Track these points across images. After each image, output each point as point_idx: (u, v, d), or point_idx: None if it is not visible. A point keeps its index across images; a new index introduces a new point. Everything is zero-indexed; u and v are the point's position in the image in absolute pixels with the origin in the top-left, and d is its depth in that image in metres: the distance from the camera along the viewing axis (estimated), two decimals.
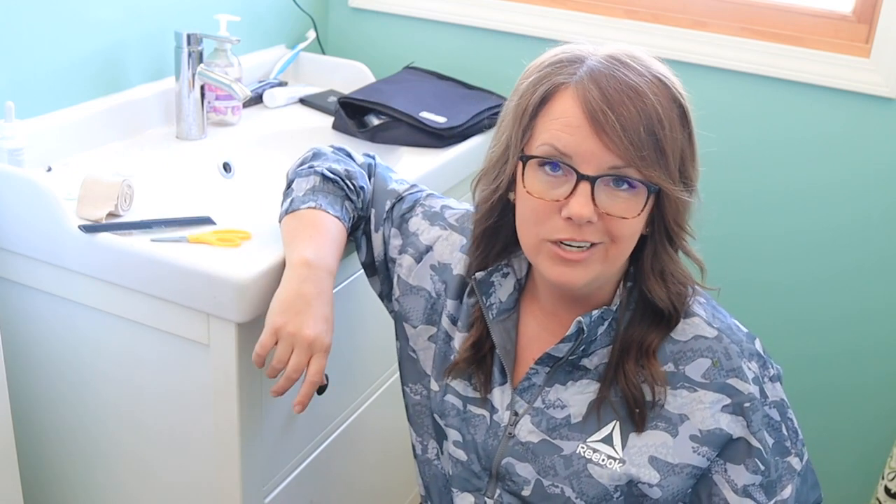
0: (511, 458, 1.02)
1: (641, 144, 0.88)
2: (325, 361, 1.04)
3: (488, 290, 1.04)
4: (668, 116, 0.90)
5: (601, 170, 0.90)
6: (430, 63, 1.89)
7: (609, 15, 1.80)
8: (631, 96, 0.89)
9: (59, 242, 1.19)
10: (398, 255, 1.15)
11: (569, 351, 0.98)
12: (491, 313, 1.04)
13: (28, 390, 1.33)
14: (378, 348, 1.51)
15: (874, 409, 1.80)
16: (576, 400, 1.00)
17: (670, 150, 0.91)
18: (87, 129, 1.45)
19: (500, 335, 1.03)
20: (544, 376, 1.01)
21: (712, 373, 0.96)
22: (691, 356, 0.97)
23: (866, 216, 1.70)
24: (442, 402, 1.09)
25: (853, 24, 1.67)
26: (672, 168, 0.91)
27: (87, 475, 1.36)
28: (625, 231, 0.92)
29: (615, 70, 0.90)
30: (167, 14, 1.60)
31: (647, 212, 0.93)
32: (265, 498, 1.28)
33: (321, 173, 1.15)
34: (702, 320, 0.99)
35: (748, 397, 0.96)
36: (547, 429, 1.00)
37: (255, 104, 1.76)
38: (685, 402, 0.96)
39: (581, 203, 0.89)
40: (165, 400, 1.23)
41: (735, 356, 0.97)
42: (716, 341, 0.97)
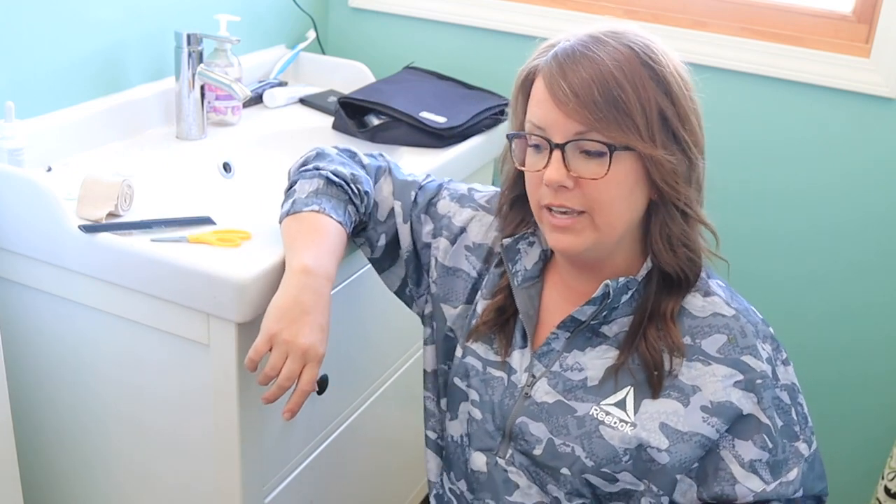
0: (525, 417, 1.04)
1: (597, 107, 0.93)
2: (317, 371, 1.04)
3: (514, 258, 1.09)
4: (630, 79, 0.93)
5: (567, 137, 0.95)
6: (430, 63, 1.89)
7: (609, 15, 1.80)
8: (585, 65, 0.94)
9: (59, 242, 1.19)
10: (432, 238, 1.17)
11: (592, 314, 1.02)
12: (516, 280, 1.08)
13: (28, 390, 1.33)
14: (378, 348, 1.51)
15: (874, 409, 1.80)
16: (594, 364, 1.03)
17: (637, 111, 0.93)
18: (87, 129, 1.45)
19: (524, 301, 1.08)
20: (564, 342, 1.05)
21: (727, 348, 0.99)
22: (708, 331, 1.00)
23: (866, 215, 1.70)
24: (462, 364, 1.12)
25: (853, 24, 1.67)
26: (643, 127, 0.94)
27: (88, 474, 1.36)
28: (602, 195, 0.95)
29: (581, 45, 0.96)
30: (167, 14, 1.60)
31: (631, 172, 0.95)
32: (265, 498, 1.28)
33: (326, 176, 1.15)
34: (721, 300, 1.02)
35: (760, 374, 0.98)
36: (563, 390, 1.03)
37: (255, 104, 1.76)
38: (698, 374, 0.99)
39: (553, 168, 0.95)
40: (165, 400, 1.23)
41: (751, 335, 1.00)
42: (733, 319, 1.01)
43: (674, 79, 0.96)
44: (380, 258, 1.22)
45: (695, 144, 0.98)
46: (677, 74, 0.97)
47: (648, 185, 0.97)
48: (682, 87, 0.97)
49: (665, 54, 0.97)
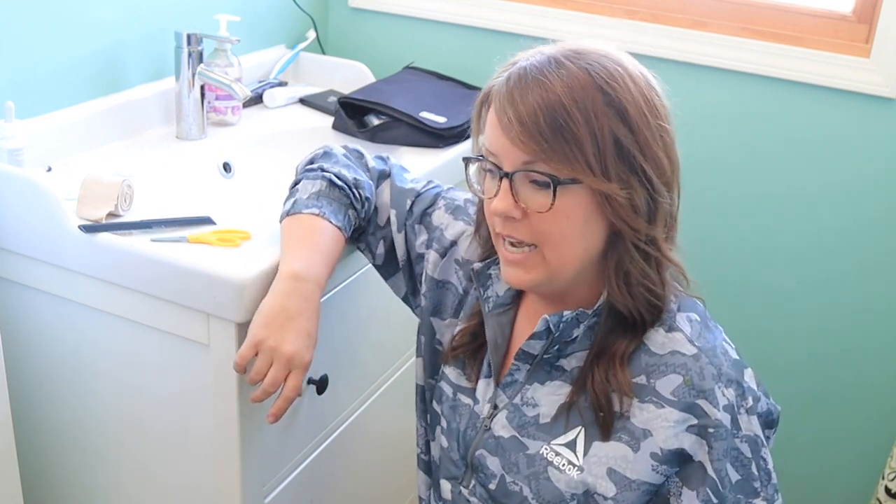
0: (484, 450, 1.02)
1: (542, 136, 0.87)
2: (302, 377, 1.04)
3: (485, 283, 1.05)
4: (581, 104, 0.87)
5: (515, 166, 0.90)
6: (430, 63, 1.89)
7: (609, 15, 1.80)
8: (534, 90, 0.88)
9: (59, 242, 1.19)
10: (425, 249, 1.15)
11: (542, 349, 0.98)
12: (487, 306, 1.05)
13: (28, 390, 1.33)
14: (378, 349, 1.51)
15: (874, 409, 1.80)
16: (547, 400, 0.99)
17: (587, 140, 0.87)
18: (87, 129, 1.45)
19: (493, 329, 1.04)
20: (525, 373, 1.01)
21: (682, 391, 0.92)
22: (664, 370, 0.93)
23: (866, 216, 1.70)
24: (438, 388, 1.11)
25: (853, 24, 1.67)
26: (593, 159, 0.87)
27: (88, 475, 1.36)
28: (550, 228, 0.90)
29: (535, 67, 0.90)
30: (167, 14, 1.60)
31: (582, 205, 0.89)
32: (265, 498, 1.28)
33: (329, 179, 1.15)
34: (683, 336, 0.95)
35: (714, 423, 0.91)
36: (518, 425, 1.00)
37: (255, 104, 1.76)
38: (650, 418, 0.93)
39: (500, 198, 0.91)
40: (165, 400, 1.23)
41: (710, 378, 0.92)
42: (692, 359, 0.93)
43: (634, 104, 0.89)
44: (382, 265, 1.21)
45: (659, 177, 0.91)
46: (641, 99, 0.90)
47: (604, 218, 0.91)
48: (643, 113, 0.89)
49: (627, 77, 0.90)
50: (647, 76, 0.93)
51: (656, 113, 0.91)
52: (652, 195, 0.91)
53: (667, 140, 0.92)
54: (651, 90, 0.92)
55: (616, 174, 0.89)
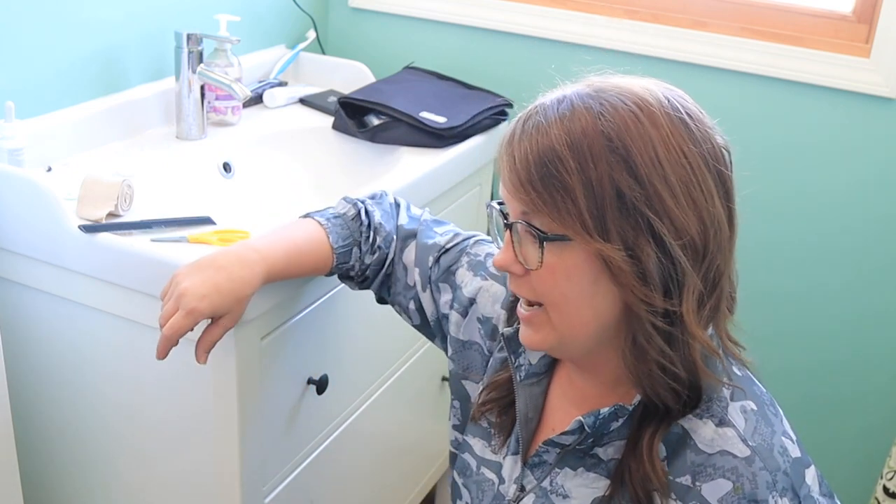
0: None
1: (533, 186, 0.78)
2: (187, 322, 0.97)
3: (517, 349, 0.95)
4: (577, 150, 0.77)
5: (515, 216, 0.82)
6: (430, 63, 1.89)
7: (609, 15, 1.80)
8: (532, 135, 0.79)
9: (59, 242, 1.19)
10: (448, 310, 1.07)
11: (575, 442, 0.88)
12: (519, 375, 0.95)
13: (28, 390, 1.33)
14: (378, 349, 1.51)
15: (874, 409, 1.80)
16: (580, 493, 0.88)
17: (581, 192, 0.76)
18: (87, 129, 1.45)
19: (525, 400, 0.94)
20: (555, 455, 0.91)
21: (731, 499, 0.80)
22: (712, 473, 0.81)
23: (866, 216, 1.70)
24: (460, 459, 1.03)
25: (853, 24, 1.67)
26: (586, 214, 0.77)
27: (88, 475, 1.36)
28: (548, 288, 0.81)
29: (545, 106, 0.81)
30: (167, 14, 1.60)
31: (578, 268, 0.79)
32: (265, 498, 1.28)
33: (359, 209, 1.13)
34: (736, 434, 0.82)
35: None
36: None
37: (255, 104, 1.76)
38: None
39: (501, 250, 0.84)
40: (165, 400, 1.23)
41: (763, 486, 0.80)
42: (745, 463, 0.81)
43: (646, 151, 0.76)
44: (420, 326, 1.14)
45: (679, 239, 0.77)
46: (661, 146, 0.77)
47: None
48: (657, 163, 0.77)
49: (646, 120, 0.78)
50: (687, 122, 0.80)
51: (682, 164, 0.78)
52: (673, 263, 0.78)
53: (697, 197, 0.79)
54: (684, 139, 0.79)
55: (618, 233, 0.77)
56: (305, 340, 1.28)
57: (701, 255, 0.80)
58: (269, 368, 1.21)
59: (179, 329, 0.98)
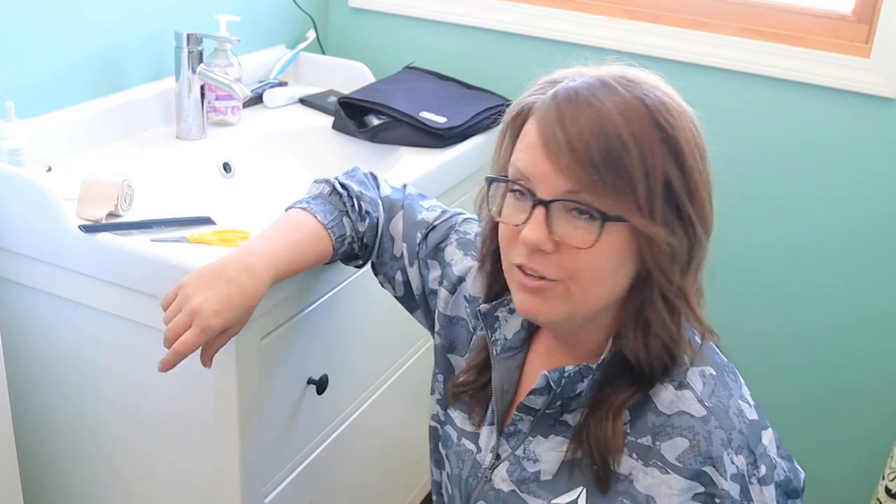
0: (483, 501, 0.98)
1: (595, 168, 0.80)
2: (201, 338, 0.98)
3: (493, 325, 0.99)
4: (638, 140, 0.81)
5: (556, 194, 0.82)
6: (430, 63, 1.89)
7: (609, 15, 1.80)
8: (589, 116, 0.81)
9: (59, 242, 1.19)
10: (437, 286, 1.10)
11: (544, 404, 0.92)
12: (495, 349, 0.99)
13: (28, 390, 1.33)
14: (378, 349, 1.51)
15: (875, 410, 1.80)
16: (549, 456, 0.93)
17: (639, 177, 0.80)
18: (87, 129, 1.45)
19: (501, 373, 0.98)
20: (529, 424, 0.94)
21: (688, 456, 0.85)
22: (670, 433, 0.86)
23: (866, 216, 1.70)
24: (444, 431, 1.07)
25: (853, 24, 1.67)
26: (643, 197, 0.81)
27: (88, 475, 1.36)
28: (583, 266, 0.83)
29: (586, 89, 0.83)
30: (167, 14, 1.60)
31: (618, 245, 0.83)
32: (265, 498, 1.28)
33: (332, 184, 1.15)
34: (693, 395, 0.87)
35: (721, 493, 0.84)
36: (517, 480, 0.94)
37: (255, 104, 1.76)
38: (654, 483, 0.86)
39: (532, 228, 0.83)
40: (165, 400, 1.23)
41: (718, 444, 0.85)
42: (701, 422, 0.86)
43: (689, 146, 0.83)
44: (403, 297, 1.17)
45: (702, 223, 0.85)
46: (693, 140, 0.84)
47: (638, 260, 0.85)
48: (696, 157, 0.84)
49: (682, 115, 0.84)
50: (693, 115, 0.86)
51: (705, 156, 0.85)
52: (693, 244, 0.85)
53: (710, 185, 0.86)
54: (698, 131, 0.85)
55: (662, 217, 0.82)
56: (305, 340, 1.28)
57: (707, 239, 0.87)
58: (269, 368, 1.21)
59: (192, 346, 0.98)
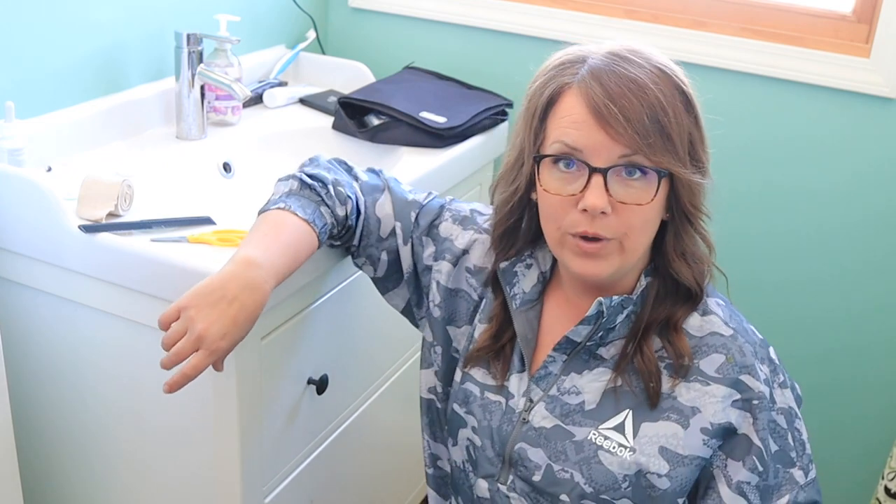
0: (524, 443, 1.03)
1: (647, 132, 0.92)
2: (209, 361, 0.97)
3: (511, 280, 1.08)
4: (671, 104, 0.94)
5: (611, 161, 0.94)
6: (430, 63, 1.89)
7: (609, 15, 1.80)
8: (632, 88, 0.93)
9: (59, 242, 1.19)
10: (434, 261, 1.16)
11: (587, 335, 1.01)
12: (514, 303, 1.07)
13: (28, 390, 1.33)
14: (378, 349, 1.51)
15: (874, 409, 1.80)
16: (591, 387, 1.02)
17: (677, 136, 0.94)
18: (87, 129, 1.45)
19: (522, 324, 1.06)
20: (560, 364, 1.03)
21: (725, 368, 0.98)
22: (706, 351, 1.00)
23: (866, 216, 1.70)
24: (461, 390, 1.11)
25: (853, 24, 1.67)
26: (681, 152, 0.95)
27: (88, 474, 1.36)
28: (637, 220, 0.95)
29: (615, 65, 0.95)
30: (167, 14, 1.60)
31: (662, 198, 0.96)
32: (265, 498, 1.28)
33: (299, 178, 1.14)
34: (719, 319, 1.02)
35: (758, 395, 0.98)
36: (560, 414, 1.02)
37: (255, 104, 1.76)
38: (697, 395, 0.98)
39: (596, 195, 0.93)
40: (165, 399, 1.22)
41: (749, 355, 0.99)
42: (731, 339, 1.00)
43: (697, 102, 0.98)
44: (382, 278, 1.21)
45: (708, 165, 1.00)
46: (696, 97, 0.98)
47: (667, 206, 0.98)
48: (701, 114, 0.98)
49: (686, 75, 0.99)
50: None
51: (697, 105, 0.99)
52: (705, 179, 0.99)
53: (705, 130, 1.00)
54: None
55: (691, 165, 0.97)
56: (305, 340, 1.28)
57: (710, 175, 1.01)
58: (269, 368, 1.21)
59: (202, 369, 0.97)
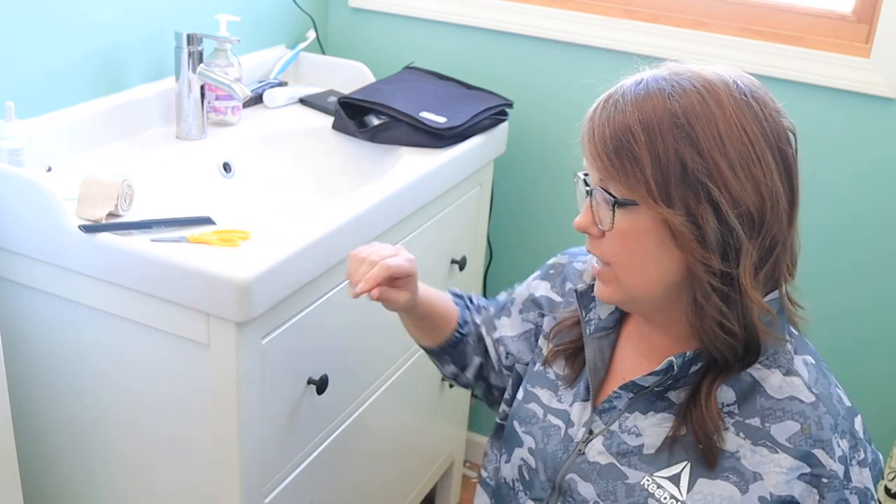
0: (575, 474, 1.00)
1: (607, 155, 0.88)
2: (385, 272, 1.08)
3: (588, 305, 1.05)
4: (646, 124, 0.86)
5: (595, 182, 0.92)
6: (430, 63, 1.89)
7: (609, 15, 1.80)
8: (609, 108, 0.89)
9: (59, 242, 1.19)
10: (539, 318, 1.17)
11: (655, 383, 0.96)
12: (589, 328, 1.04)
13: (28, 390, 1.33)
14: (378, 348, 1.51)
15: (874, 409, 1.80)
16: (652, 431, 0.96)
17: (647, 160, 0.85)
18: (87, 129, 1.45)
19: (594, 352, 1.03)
20: (626, 401, 0.99)
21: (798, 438, 0.90)
22: (781, 416, 0.91)
23: (866, 215, 1.70)
24: (523, 409, 1.10)
25: (853, 24, 1.67)
26: (653, 182, 0.85)
27: (87, 474, 1.36)
28: (618, 249, 0.91)
29: (625, 86, 0.91)
30: (167, 14, 1.60)
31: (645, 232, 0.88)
32: (265, 498, 1.28)
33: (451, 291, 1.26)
34: (802, 382, 0.92)
35: (829, 473, 0.89)
36: (617, 453, 0.98)
37: (255, 104, 1.76)
38: (762, 461, 0.90)
39: (581, 213, 0.95)
40: (165, 399, 1.23)
41: (828, 428, 0.90)
42: (811, 407, 0.91)
43: (709, 128, 0.85)
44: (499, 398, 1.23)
45: (735, 208, 0.86)
46: (723, 124, 0.86)
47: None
48: (719, 139, 0.85)
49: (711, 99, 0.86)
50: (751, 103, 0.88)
51: (743, 140, 0.86)
52: (731, 229, 0.86)
53: (755, 171, 0.86)
54: (746, 118, 0.87)
55: (680, 201, 0.86)
56: (305, 340, 1.28)
57: (758, 225, 0.88)
58: (269, 368, 1.21)
59: (378, 274, 1.08)
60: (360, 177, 1.56)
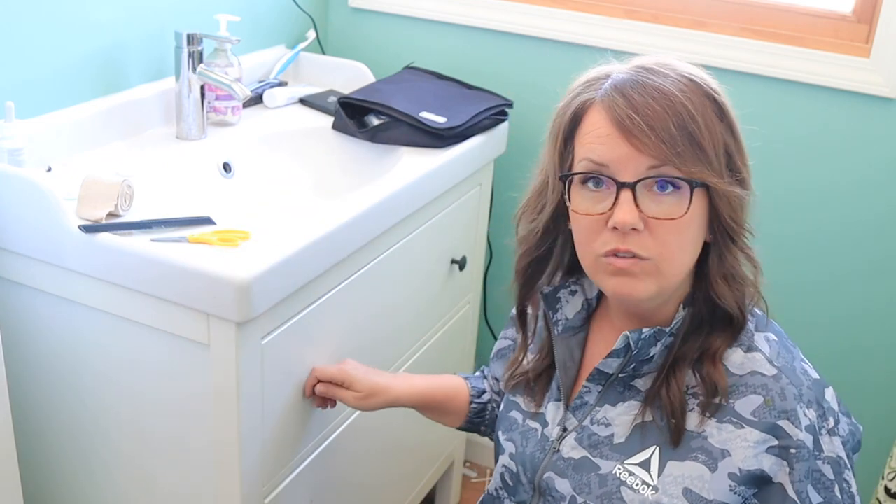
0: (552, 472, 1.02)
1: (674, 141, 0.88)
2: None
3: (555, 306, 1.06)
4: (700, 111, 0.90)
5: (639, 174, 0.89)
6: (430, 63, 1.89)
7: (609, 15, 1.80)
8: (655, 97, 0.89)
9: (59, 242, 1.19)
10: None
11: (618, 367, 0.97)
12: (556, 329, 1.05)
13: (28, 390, 1.33)
14: (379, 349, 1.51)
15: (874, 409, 1.80)
16: (621, 420, 0.98)
17: (709, 144, 0.90)
18: (87, 129, 1.45)
19: (563, 351, 1.04)
20: (596, 395, 1.00)
21: (762, 411, 0.91)
22: (744, 391, 0.93)
23: (866, 216, 1.70)
24: (506, 418, 1.11)
25: (853, 24, 1.67)
26: (715, 162, 0.90)
27: (87, 474, 1.36)
28: (672, 237, 0.90)
29: (639, 76, 0.92)
30: (167, 14, 1.60)
31: (699, 213, 0.91)
32: (265, 498, 1.28)
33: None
34: (763, 357, 0.95)
35: (796, 443, 0.90)
36: (589, 445, 0.99)
37: (255, 104, 1.76)
38: (729, 438, 0.92)
39: (625, 210, 0.89)
40: (165, 399, 1.23)
41: (791, 398, 0.91)
42: (773, 380, 0.92)
43: (732, 112, 0.94)
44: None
45: (748, 175, 0.96)
46: (732, 107, 0.95)
47: (708, 225, 0.93)
48: (735, 119, 0.95)
49: (716, 83, 0.95)
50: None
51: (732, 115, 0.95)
52: (747, 193, 0.95)
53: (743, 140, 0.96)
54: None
55: (727, 177, 0.92)
56: (305, 340, 1.28)
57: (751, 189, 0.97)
58: (270, 368, 1.21)
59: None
60: (360, 177, 1.56)
